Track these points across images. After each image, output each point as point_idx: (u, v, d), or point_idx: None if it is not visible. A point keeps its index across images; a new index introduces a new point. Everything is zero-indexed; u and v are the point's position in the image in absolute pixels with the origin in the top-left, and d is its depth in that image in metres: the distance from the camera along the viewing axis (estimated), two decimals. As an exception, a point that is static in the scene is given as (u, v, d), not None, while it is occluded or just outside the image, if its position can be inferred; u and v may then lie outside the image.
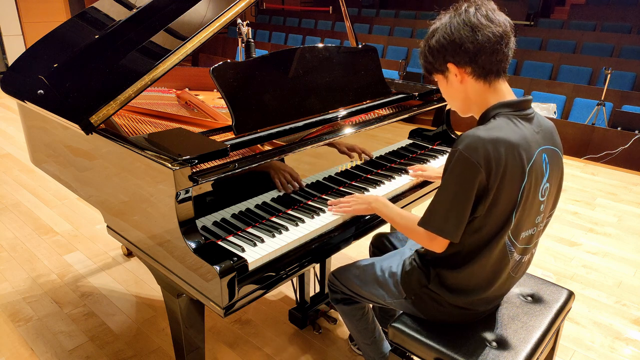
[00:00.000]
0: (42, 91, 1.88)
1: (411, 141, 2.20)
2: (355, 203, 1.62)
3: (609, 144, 4.70)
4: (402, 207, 1.87)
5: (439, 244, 1.31)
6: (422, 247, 1.48)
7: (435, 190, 1.47)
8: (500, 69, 1.27)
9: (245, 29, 2.33)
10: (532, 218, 1.31)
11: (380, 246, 1.90)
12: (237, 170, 1.48)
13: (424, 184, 1.97)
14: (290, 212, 1.66)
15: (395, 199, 1.85)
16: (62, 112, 1.71)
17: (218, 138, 1.64)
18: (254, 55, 2.19)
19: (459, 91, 1.33)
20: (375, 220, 1.75)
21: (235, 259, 1.35)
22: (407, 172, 2.01)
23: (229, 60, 1.70)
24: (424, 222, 1.29)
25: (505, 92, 1.30)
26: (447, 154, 1.37)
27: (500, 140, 1.19)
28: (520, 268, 1.41)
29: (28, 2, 8.14)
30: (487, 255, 1.29)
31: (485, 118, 1.29)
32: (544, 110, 5.45)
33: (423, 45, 1.34)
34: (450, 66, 1.29)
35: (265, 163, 1.57)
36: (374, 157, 2.00)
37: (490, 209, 1.23)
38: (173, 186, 1.34)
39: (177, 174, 1.33)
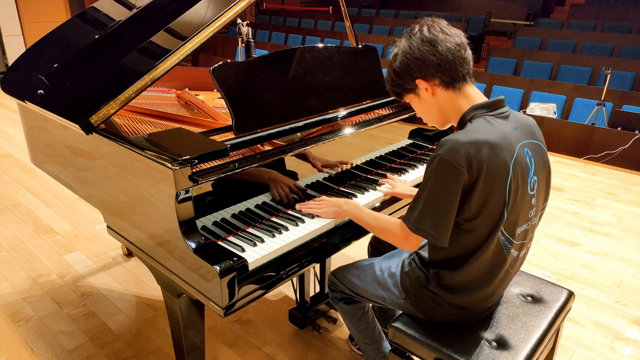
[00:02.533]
0: (42, 91, 1.88)
1: (411, 141, 2.20)
2: (325, 206, 1.62)
3: (609, 144, 4.70)
4: (402, 207, 1.88)
5: (413, 243, 1.35)
6: (421, 249, 1.48)
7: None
8: (465, 73, 1.32)
9: (245, 29, 2.33)
10: (525, 213, 1.32)
11: (379, 246, 1.90)
12: (237, 170, 1.48)
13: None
14: (290, 212, 1.66)
15: (395, 199, 1.85)
16: (62, 112, 1.71)
17: (218, 138, 1.64)
18: (254, 55, 2.19)
19: (433, 104, 1.37)
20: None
21: (235, 259, 1.35)
22: (407, 172, 2.01)
23: (229, 60, 1.70)
24: (417, 229, 1.29)
25: (476, 95, 1.34)
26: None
27: (479, 141, 1.21)
28: (516, 264, 1.42)
29: (28, 2, 8.13)
30: (484, 254, 1.30)
31: (462, 123, 1.32)
32: (544, 110, 5.45)
33: (388, 72, 1.40)
34: (419, 82, 1.33)
35: (264, 175, 1.57)
36: (374, 157, 2.00)
37: (481, 209, 1.24)
38: (173, 186, 1.34)
39: (177, 174, 1.33)
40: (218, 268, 1.28)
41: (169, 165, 1.34)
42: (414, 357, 1.47)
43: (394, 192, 1.83)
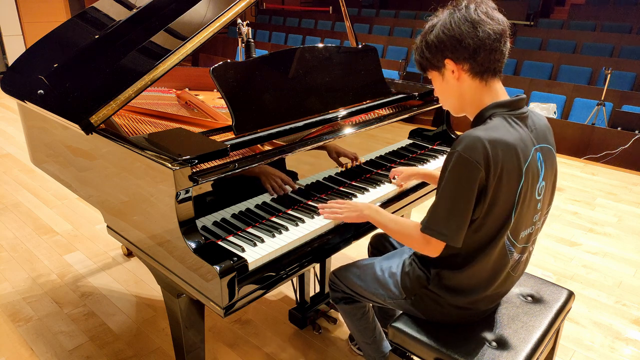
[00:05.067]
0: (42, 91, 1.88)
1: (411, 141, 2.20)
2: (347, 210, 1.59)
3: (609, 144, 4.70)
4: (402, 207, 1.88)
5: (434, 248, 1.30)
6: None
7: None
8: (497, 67, 1.27)
9: (245, 29, 2.33)
10: (530, 217, 1.31)
11: (379, 246, 1.90)
12: (237, 170, 1.48)
13: (423, 184, 1.96)
14: (290, 212, 1.66)
15: (395, 199, 1.85)
16: (62, 112, 1.71)
17: (218, 138, 1.64)
18: (254, 55, 2.19)
19: (454, 89, 1.32)
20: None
21: (235, 259, 1.35)
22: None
23: (229, 60, 1.70)
24: (427, 227, 1.28)
25: (500, 92, 1.30)
26: (446, 154, 1.34)
27: (498, 141, 1.19)
28: (519, 267, 1.41)
29: (28, 2, 8.13)
30: (488, 256, 1.29)
31: (481, 118, 1.29)
32: (544, 110, 5.45)
33: (420, 41, 1.33)
34: (448, 62, 1.28)
35: (255, 168, 1.56)
36: (374, 157, 2.00)
37: (489, 210, 1.23)
38: (173, 186, 1.34)
39: (177, 174, 1.33)
40: (218, 268, 1.28)
41: (169, 165, 1.34)
42: (414, 357, 1.47)
43: (399, 182, 1.86)
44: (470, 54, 1.23)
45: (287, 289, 2.55)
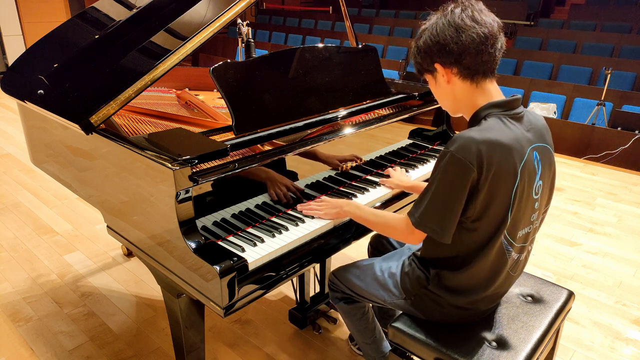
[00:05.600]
0: (42, 91, 1.88)
1: (411, 141, 2.20)
2: (326, 207, 1.61)
3: (609, 144, 4.70)
4: (402, 207, 1.88)
5: (417, 238, 1.34)
6: (419, 250, 1.48)
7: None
8: (487, 69, 1.28)
9: (245, 29, 2.33)
10: (527, 216, 1.32)
11: (379, 246, 1.90)
12: (237, 170, 1.48)
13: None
14: (290, 212, 1.66)
15: (395, 199, 1.85)
16: (62, 112, 1.71)
17: (218, 138, 1.64)
18: (254, 55, 2.19)
19: (447, 91, 1.34)
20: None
21: (235, 259, 1.35)
22: (407, 171, 2.01)
23: (229, 60, 1.70)
24: (420, 224, 1.29)
25: (494, 92, 1.31)
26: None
27: (492, 142, 1.19)
28: (518, 267, 1.41)
29: (28, 2, 8.13)
30: (486, 256, 1.30)
31: (476, 119, 1.30)
32: (544, 110, 5.45)
33: (413, 46, 1.37)
34: (437, 66, 1.30)
35: (262, 174, 1.56)
36: (374, 157, 2.00)
37: (485, 210, 1.23)
38: (173, 186, 1.34)
39: (177, 174, 1.33)
40: (218, 268, 1.28)
41: (169, 165, 1.34)
42: (414, 357, 1.47)
43: (390, 183, 1.85)
44: (456, 58, 1.25)
45: (287, 289, 2.55)
